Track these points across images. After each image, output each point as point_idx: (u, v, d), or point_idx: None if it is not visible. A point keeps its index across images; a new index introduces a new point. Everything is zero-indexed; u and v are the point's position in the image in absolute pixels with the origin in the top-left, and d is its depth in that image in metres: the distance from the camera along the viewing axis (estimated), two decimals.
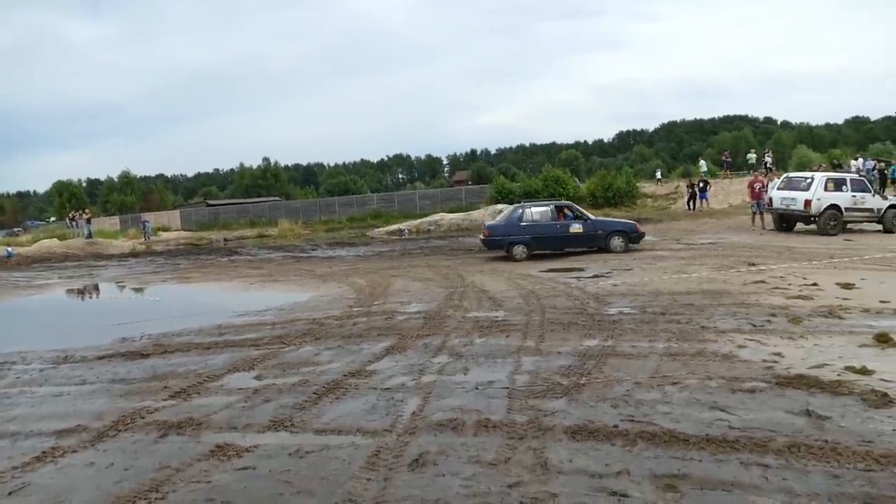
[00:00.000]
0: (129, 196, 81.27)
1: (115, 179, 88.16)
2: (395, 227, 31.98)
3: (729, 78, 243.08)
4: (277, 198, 72.99)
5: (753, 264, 13.28)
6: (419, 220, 32.48)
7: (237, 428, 5.60)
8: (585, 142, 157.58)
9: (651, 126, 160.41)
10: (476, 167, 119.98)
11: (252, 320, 10.74)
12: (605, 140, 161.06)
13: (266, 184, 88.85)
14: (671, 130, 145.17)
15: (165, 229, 47.62)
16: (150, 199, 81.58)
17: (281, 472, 4.67)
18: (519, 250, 16.66)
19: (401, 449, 4.91)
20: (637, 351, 7.36)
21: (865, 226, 19.53)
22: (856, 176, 20.89)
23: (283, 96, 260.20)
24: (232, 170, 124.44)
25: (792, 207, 18.80)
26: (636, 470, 4.41)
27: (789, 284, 11.03)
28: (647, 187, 37.59)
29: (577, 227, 16.47)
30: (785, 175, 22.77)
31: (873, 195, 19.20)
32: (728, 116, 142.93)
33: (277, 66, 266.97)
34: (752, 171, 37.72)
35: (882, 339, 7.42)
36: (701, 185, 31.48)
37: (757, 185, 23.12)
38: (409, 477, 4.45)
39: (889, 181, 30.85)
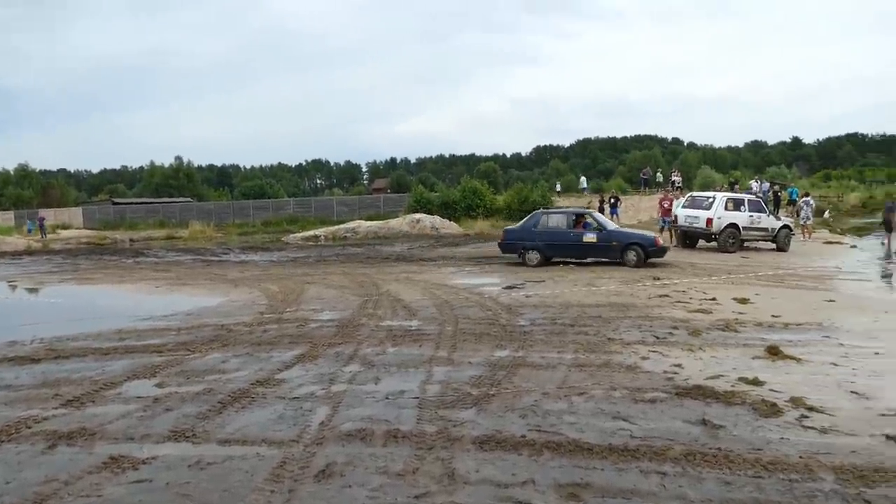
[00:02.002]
0: (26, 190, 76.61)
1: (11, 172, 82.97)
2: (311, 232, 31.53)
3: (640, 98, 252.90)
4: (189, 199, 70.48)
5: (658, 279, 13.83)
6: (336, 227, 32.14)
7: (134, 438, 5.33)
8: (504, 154, 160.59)
9: (567, 142, 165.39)
10: (396, 175, 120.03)
11: (156, 325, 10.31)
12: (523, 154, 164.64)
13: (178, 184, 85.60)
14: (586, 147, 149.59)
15: (66, 227, 45.16)
16: (50, 195, 77.05)
17: (179, 484, 4.48)
18: (532, 256, 16.65)
19: (307, 460, 4.80)
20: (546, 362, 7.50)
21: (761, 244, 20.69)
22: (753, 197, 22.14)
23: (198, 94, 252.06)
24: (142, 167, 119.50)
25: (695, 225, 19.73)
26: (541, 479, 4.48)
27: (690, 298, 11.55)
28: (559, 201, 38.61)
29: (590, 237, 16.23)
30: (689, 194, 23.92)
31: (768, 215, 20.46)
32: (639, 136, 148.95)
33: (194, 62, 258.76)
34: (663, 189, 39.45)
35: (773, 352, 7.87)
36: (612, 200, 32.54)
37: (666, 203, 24.17)
38: (314, 488, 4.36)
39: (786, 203, 32.86)
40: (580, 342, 8.42)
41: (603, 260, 16.25)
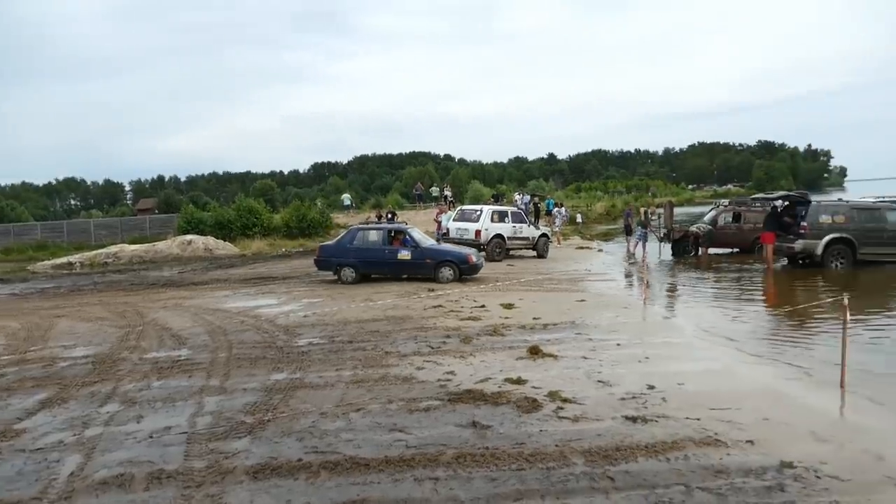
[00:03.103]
0: None
1: None
2: (64, 259, 28.26)
3: (414, 116, 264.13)
4: None
5: (433, 290, 14.37)
6: (94, 252, 29.11)
7: None
8: (281, 172, 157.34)
9: (345, 159, 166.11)
10: (164, 195, 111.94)
11: None
12: (301, 171, 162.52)
13: None
14: (363, 163, 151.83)
15: None
16: None
17: None
18: (348, 273, 16.22)
19: None
20: (324, 381, 7.45)
21: (524, 252, 22.41)
22: (515, 209, 23.95)
23: None
24: None
25: (465, 237, 20.82)
26: (317, 501, 4.42)
27: (462, 307, 12.16)
28: (340, 218, 38.67)
29: (405, 254, 16.05)
30: (459, 207, 25.25)
31: (529, 225, 22.26)
32: (413, 152, 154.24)
33: None
34: (437, 203, 41.20)
35: (534, 352, 8.55)
36: (389, 216, 33.32)
37: (439, 217, 25.25)
38: None
39: (544, 213, 35.92)
40: (358, 358, 8.48)
41: (418, 276, 16.28)
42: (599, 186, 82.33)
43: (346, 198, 47.21)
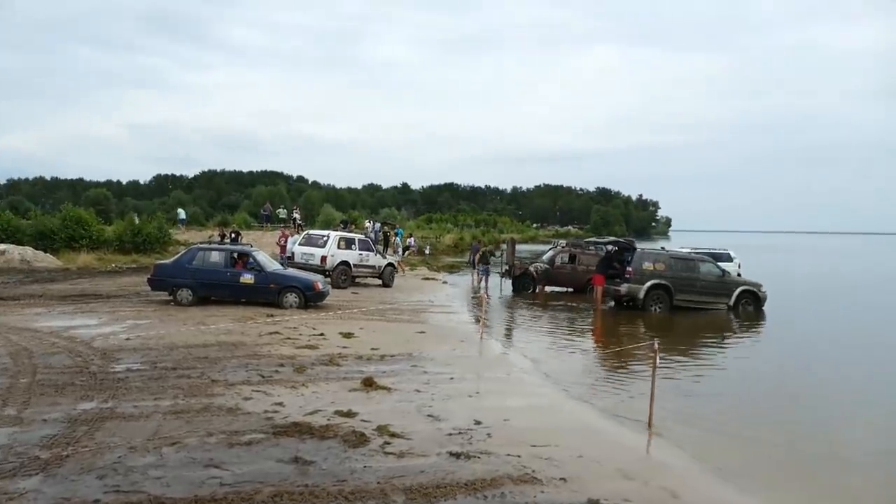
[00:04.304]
0: None
1: None
2: None
3: (269, 134, 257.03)
4: None
5: (272, 315, 13.91)
6: None
7: None
8: (119, 181, 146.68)
9: (191, 172, 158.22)
10: None
11: None
12: (142, 182, 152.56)
13: None
14: (211, 179, 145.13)
15: None
16: None
17: None
18: (184, 294, 15.14)
19: None
20: (139, 411, 6.91)
21: (370, 280, 22.34)
22: (363, 236, 23.88)
23: None
24: None
25: (311, 262, 20.38)
26: None
27: (300, 335, 11.84)
28: (180, 234, 36.61)
29: (248, 278, 15.22)
30: (306, 232, 24.74)
31: (376, 254, 22.23)
32: (266, 171, 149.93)
33: None
34: (283, 225, 40.13)
35: (368, 384, 8.47)
36: (233, 235, 32.02)
37: (282, 240, 24.56)
38: None
39: (393, 243, 36.13)
40: (181, 386, 7.96)
41: (261, 301, 15.48)
42: (450, 219, 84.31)
43: (181, 212, 45.17)
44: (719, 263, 20.76)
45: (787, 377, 11.53)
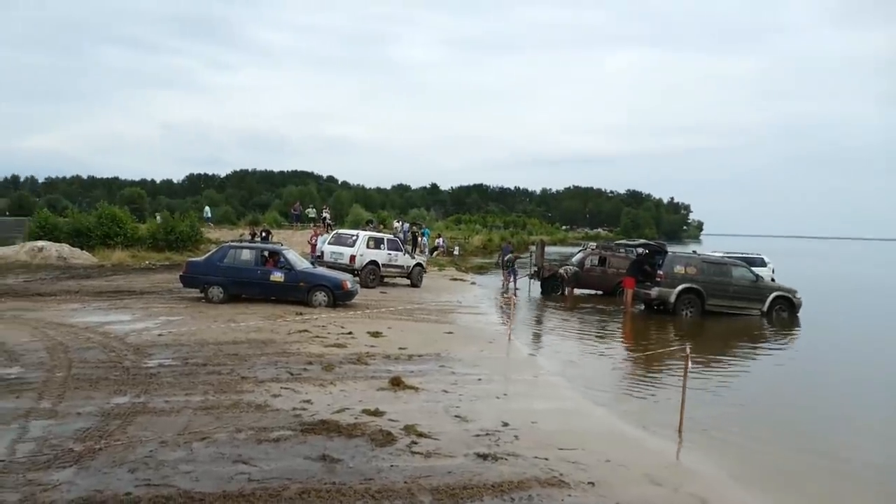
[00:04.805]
0: None
1: None
2: None
3: (299, 135, 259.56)
4: None
5: (301, 314, 14.00)
6: None
7: None
8: (153, 180, 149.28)
9: (223, 172, 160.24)
10: (18, 195, 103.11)
11: None
12: (175, 181, 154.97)
13: None
14: (242, 178, 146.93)
15: None
16: None
17: None
18: (215, 292, 15.39)
19: None
20: (170, 406, 7.00)
21: (398, 280, 22.40)
22: (391, 236, 23.95)
23: None
24: None
25: (340, 261, 20.53)
26: None
27: (328, 333, 11.90)
28: (212, 232, 37.10)
29: (277, 276, 15.43)
30: (335, 231, 24.88)
31: (404, 254, 22.27)
32: (296, 171, 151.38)
33: None
34: (314, 224, 40.48)
35: (395, 383, 8.47)
36: (264, 234, 32.37)
37: (314, 240, 24.75)
38: None
39: (420, 243, 36.18)
40: (211, 382, 8.05)
41: (291, 299, 15.55)
42: (479, 220, 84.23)
43: (208, 210, 46.07)
44: (752, 268, 20.40)
45: (822, 386, 11.30)
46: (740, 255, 24.74)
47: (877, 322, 20.50)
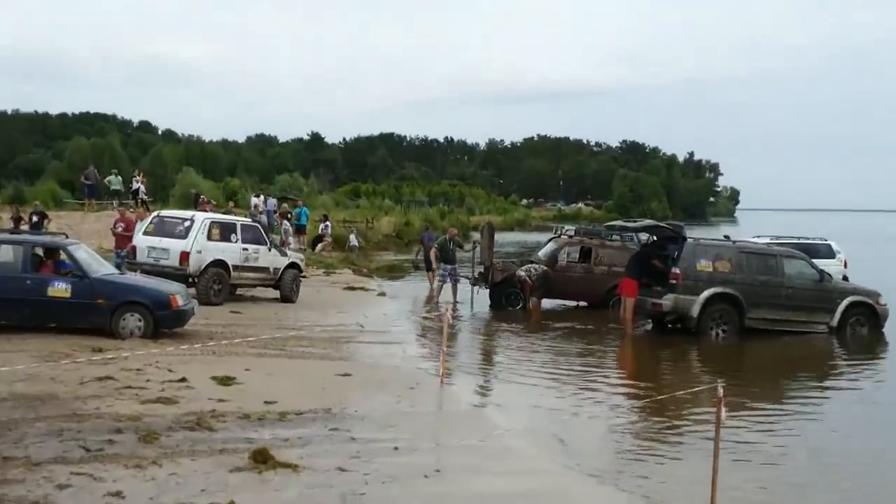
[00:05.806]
0: None
1: None
2: None
3: (90, 55, 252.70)
4: None
5: (100, 350, 13.69)
6: None
7: None
8: None
9: None
10: None
11: None
12: None
13: None
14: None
15: None
16: None
17: None
18: None
19: None
20: None
21: (262, 291, 22.16)
22: (248, 220, 23.62)
23: None
24: None
25: (163, 262, 19.80)
26: None
27: (148, 380, 11.76)
28: None
29: (60, 288, 14.89)
30: (155, 214, 23.72)
31: (270, 249, 21.92)
32: (87, 113, 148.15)
33: None
34: (118, 202, 39.41)
35: (260, 459, 8.44)
36: (34, 218, 31.59)
37: (121, 226, 23.98)
38: None
39: (294, 229, 35.95)
40: None
41: (82, 326, 15.09)
42: (389, 192, 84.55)
43: None
44: (815, 261, 20.74)
45: None
46: (797, 242, 25.48)
47: None
